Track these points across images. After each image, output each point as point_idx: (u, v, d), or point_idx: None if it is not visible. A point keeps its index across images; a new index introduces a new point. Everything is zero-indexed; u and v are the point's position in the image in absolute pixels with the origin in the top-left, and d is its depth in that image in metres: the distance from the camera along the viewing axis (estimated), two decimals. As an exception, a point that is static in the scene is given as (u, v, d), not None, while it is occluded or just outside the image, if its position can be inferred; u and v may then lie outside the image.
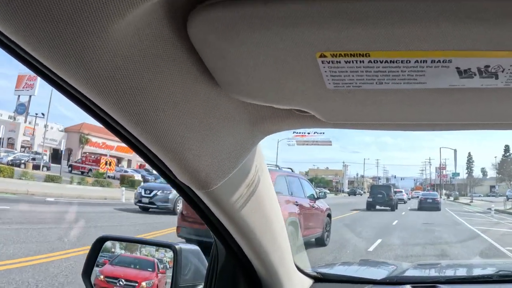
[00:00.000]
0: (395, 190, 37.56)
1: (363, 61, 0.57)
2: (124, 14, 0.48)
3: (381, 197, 28.82)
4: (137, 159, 59.64)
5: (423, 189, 73.16)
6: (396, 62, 0.57)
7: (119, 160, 60.73)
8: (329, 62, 0.58)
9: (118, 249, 1.75)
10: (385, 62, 0.57)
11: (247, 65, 0.63)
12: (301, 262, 1.54)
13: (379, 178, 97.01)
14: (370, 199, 29.23)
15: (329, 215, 11.41)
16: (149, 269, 1.80)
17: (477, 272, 2.18)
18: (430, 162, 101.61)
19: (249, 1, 0.52)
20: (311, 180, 22.01)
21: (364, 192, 69.19)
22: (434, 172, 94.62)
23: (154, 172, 0.95)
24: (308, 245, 9.22)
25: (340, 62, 0.58)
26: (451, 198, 62.48)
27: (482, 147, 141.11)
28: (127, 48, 0.55)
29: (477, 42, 0.52)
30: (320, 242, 10.57)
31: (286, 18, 0.52)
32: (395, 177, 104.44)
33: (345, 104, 0.73)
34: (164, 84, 0.65)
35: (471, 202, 49.39)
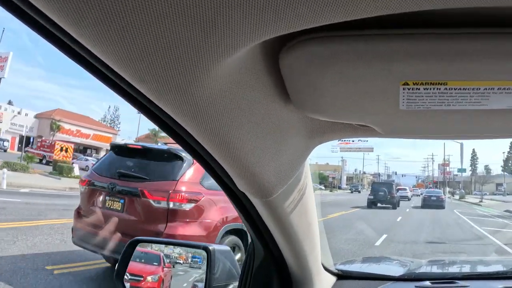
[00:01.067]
0: (398, 187, 37.60)
1: (439, 88, 0.66)
2: (234, 52, 0.54)
3: (383, 194, 28.98)
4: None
5: (425, 187, 70.82)
6: (468, 89, 0.66)
7: (97, 150, 56.38)
8: (409, 89, 0.66)
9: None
10: (458, 89, 0.66)
11: (331, 90, 0.70)
12: (326, 260, 1.60)
13: (379, 175, 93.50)
14: (371, 197, 29.17)
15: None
16: (154, 263, 1.80)
17: (493, 268, 2.23)
18: (433, 158, 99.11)
19: (339, 38, 0.60)
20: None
21: (363, 189, 66.08)
22: (436, 169, 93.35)
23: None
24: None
25: (419, 89, 0.66)
26: (456, 197, 58.29)
27: (486, 144, 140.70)
28: (228, 81, 0.62)
29: None
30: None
31: (375, 54, 0.61)
32: (395, 173, 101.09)
33: (411, 121, 0.81)
34: (248, 107, 0.71)
35: (481, 201, 45.12)
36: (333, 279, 1.69)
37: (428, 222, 18.49)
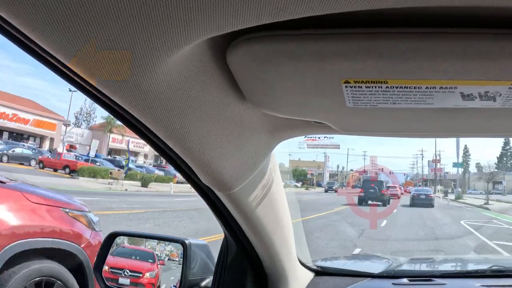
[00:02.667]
0: (388, 185, 36.80)
1: (381, 87, 0.67)
2: (179, 48, 0.56)
3: (373, 192, 29.25)
4: (68, 140, 51.66)
5: (414, 185, 67.08)
6: (409, 88, 0.67)
7: (42, 139, 50.82)
8: (352, 87, 0.68)
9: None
10: (400, 88, 0.67)
11: (278, 87, 0.72)
12: (303, 256, 1.62)
13: (364, 171, 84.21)
14: (362, 194, 29.44)
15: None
16: (149, 260, 1.87)
17: (471, 266, 2.25)
18: (422, 154, 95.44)
19: (281, 37, 0.61)
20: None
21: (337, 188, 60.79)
22: (426, 166, 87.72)
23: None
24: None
25: (361, 87, 0.68)
26: (451, 196, 47.02)
27: (478, 140, 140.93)
28: (176, 76, 0.64)
29: (479, 74, 0.63)
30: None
31: (316, 53, 0.62)
32: (382, 170, 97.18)
33: (361, 118, 0.84)
34: (201, 102, 0.74)
35: (487, 203, 34.37)
36: (310, 275, 1.70)
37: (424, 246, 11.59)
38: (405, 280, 1.74)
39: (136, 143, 55.89)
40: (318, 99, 0.76)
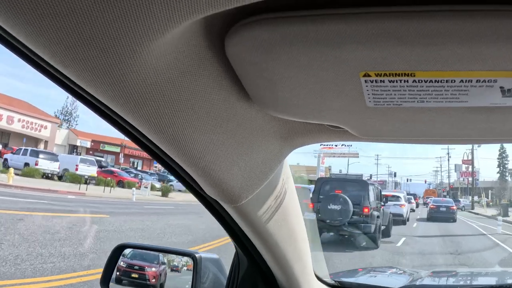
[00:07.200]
0: (384, 194, 17.61)
1: (407, 81, 0.58)
2: (163, 32, 0.48)
3: (338, 213, 12.72)
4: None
5: (439, 195, 56.94)
6: (441, 81, 0.58)
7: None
8: (372, 82, 0.59)
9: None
10: (429, 82, 0.58)
11: (285, 83, 0.63)
12: (320, 270, 1.57)
13: (373, 178, 69.41)
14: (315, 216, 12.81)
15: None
16: (154, 262, 1.86)
17: (496, 280, 2.19)
18: (449, 154, 74.01)
19: (289, 20, 0.52)
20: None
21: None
22: (453, 170, 69.08)
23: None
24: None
25: (384, 81, 0.59)
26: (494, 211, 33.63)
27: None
28: (165, 66, 0.56)
29: None
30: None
31: (330, 38, 0.52)
32: (394, 174, 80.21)
33: (383, 121, 0.74)
34: (200, 101, 0.65)
35: None
36: None
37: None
38: None
39: (26, 121, 43.46)
40: (332, 98, 0.66)
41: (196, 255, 1.45)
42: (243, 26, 0.54)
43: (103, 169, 35.09)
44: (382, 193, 16.69)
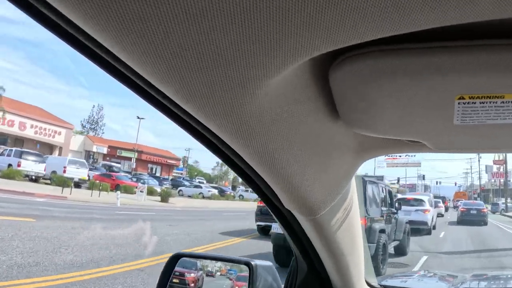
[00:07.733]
0: (397, 198, 14.06)
1: (496, 102, 0.65)
2: (282, 69, 0.53)
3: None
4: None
5: (469, 198, 56.37)
6: None
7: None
8: (465, 103, 0.65)
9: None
10: None
11: (380, 106, 0.69)
12: (369, 275, 1.61)
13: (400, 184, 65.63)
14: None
15: None
16: (193, 268, 1.94)
17: None
18: (479, 155, 63.22)
19: (393, 52, 0.59)
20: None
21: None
22: (484, 171, 66.92)
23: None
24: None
25: (475, 103, 0.65)
26: None
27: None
28: (274, 99, 0.61)
29: None
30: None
31: (431, 67, 0.59)
32: (423, 177, 78.87)
33: (464, 136, 0.80)
34: (296, 124, 0.70)
35: None
36: None
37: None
38: None
39: (39, 127, 42.73)
40: (424, 118, 0.72)
41: (252, 263, 1.49)
42: (348, 59, 0.61)
43: (102, 172, 34.95)
44: (403, 196, 14.36)
